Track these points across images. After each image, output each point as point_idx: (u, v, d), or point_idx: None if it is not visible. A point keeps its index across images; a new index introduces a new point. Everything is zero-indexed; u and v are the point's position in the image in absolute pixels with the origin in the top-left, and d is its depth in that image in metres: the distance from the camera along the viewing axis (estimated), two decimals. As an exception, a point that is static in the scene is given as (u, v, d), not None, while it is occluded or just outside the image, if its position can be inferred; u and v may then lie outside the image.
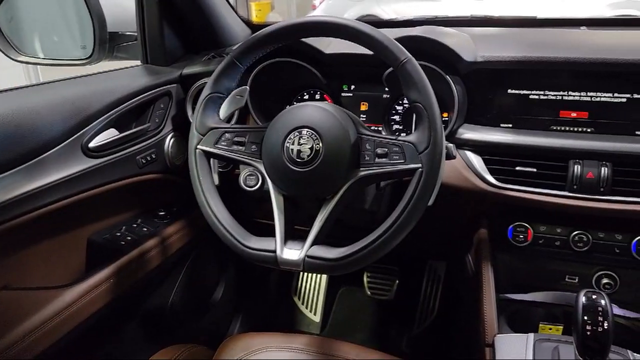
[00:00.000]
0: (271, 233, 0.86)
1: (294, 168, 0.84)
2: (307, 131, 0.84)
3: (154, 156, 1.20)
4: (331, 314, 1.89)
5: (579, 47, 1.05)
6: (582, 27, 1.28)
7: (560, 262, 1.12)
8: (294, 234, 0.88)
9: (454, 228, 1.29)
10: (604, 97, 1.01)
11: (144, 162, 1.18)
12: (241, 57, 0.92)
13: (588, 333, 0.80)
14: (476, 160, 1.07)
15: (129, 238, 1.19)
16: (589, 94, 1.02)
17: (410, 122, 1.19)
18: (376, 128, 1.21)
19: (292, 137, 0.84)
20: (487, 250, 1.12)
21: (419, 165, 0.80)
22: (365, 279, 1.86)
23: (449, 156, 0.93)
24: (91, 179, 1.05)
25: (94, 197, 1.06)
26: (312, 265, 0.83)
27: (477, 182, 1.06)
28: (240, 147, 0.90)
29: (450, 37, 1.11)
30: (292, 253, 0.84)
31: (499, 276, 1.13)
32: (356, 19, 0.89)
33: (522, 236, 1.10)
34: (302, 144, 0.84)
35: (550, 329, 1.07)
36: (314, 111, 0.87)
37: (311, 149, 0.83)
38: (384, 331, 1.82)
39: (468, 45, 1.08)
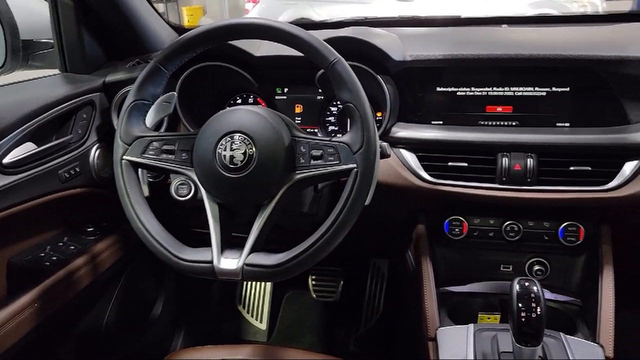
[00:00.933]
0: (209, 243, 0.83)
1: (228, 174, 0.82)
2: (240, 136, 0.82)
3: (78, 169, 1.13)
4: (278, 320, 1.87)
5: (501, 44, 1.09)
6: (503, 25, 1.34)
7: (495, 252, 1.16)
8: (231, 243, 0.85)
9: (393, 225, 1.31)
10: (526, 91, 1.05)
11: (67, 176, 1.11)
12: (166, 62, 0.88)
13: (523, 320, 0.83)
14: (410, 158, 1.09)
15: (55, 258, 1.11)
16: (512, 88, 1.06)
17: (345, 123, 1.19)
18: (312, 130, 1.20)
19: (223, 143, 0.82)
20: (425, 245, 1.14)
21: (354, 165, 0.80)
22: (310, 282, 1.85)
23: (384, 155, 0.94)
24: (8, 197, 0.98)
25: (12, 216, 0.99)
26: (251, 273, 0.81)
27: (412, 179, 1.07)
28: (170, 156, 0.87)
29: (379, 37, 1.12)
30: (229, 262, 0.82)
31: (438, 270, 1.15)
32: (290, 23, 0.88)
33: (457, 229, 1.12)
34: (234, 150, 0.81)
35: (489, 318, 1.10)
36: (246, 115, 0.85)
37: (244, 154, 0.81)
38: (331, 333, 1.82)
39: (396, 45, 1.10)
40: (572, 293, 1.13)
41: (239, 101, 1.26)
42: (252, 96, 1.25)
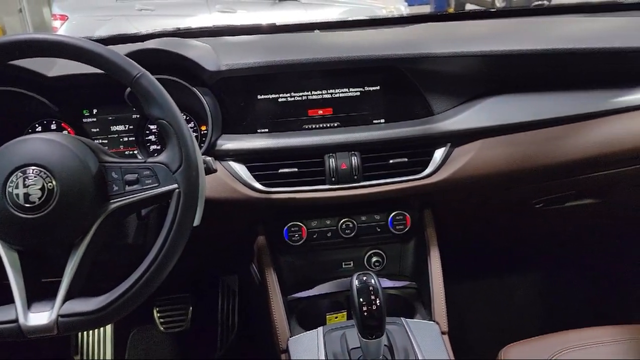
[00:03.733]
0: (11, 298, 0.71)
1: (24, 215, 0.70)
2: (34, 169, 0.71)
3: None
4: None
5: (313, 48, 1.12)
6: (316, 31, 1.38)
7: (335, 251, 1.19)
8: (41, 292, 0.74)
9: (234, 240, 1.27)
10: (342, 92, 1.10)
11: None
12: None
13: (365, 313, 0.85)
14: (240, 169, 1.06)
15: None
16: (329, 91, 1.09)
17: None
18: (131, 152, 1.11)
19: (14, 180, 0.70)
20: (267, 256, 1.12)
21: (175, 185, 0.75)
22: (155, 315, 1.71)
23: (209, 170, 0.90)
24: None
25: None
26: (68, 324, 0.71)
27: (245, 190, 1.04)
28: None
29: (190, 48, 1.07)
30: (39, 317, 0.70)
31: (284, 279, 1.14)
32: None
33: (297, 235, 1.12)
34: (29, 186, 0.70)
35: (336, 317, 1.12)
36: (40, 145, 0.74)
37: (42, 189, 0.70)
38: None
39: (209, 55, 1.06)
40: (408, 278, 1.21)
41: (39, 129, 1.10)
42: (54, 122, 1.10)
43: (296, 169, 1.06)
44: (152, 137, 1.12)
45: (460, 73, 1.10)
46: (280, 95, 1.08)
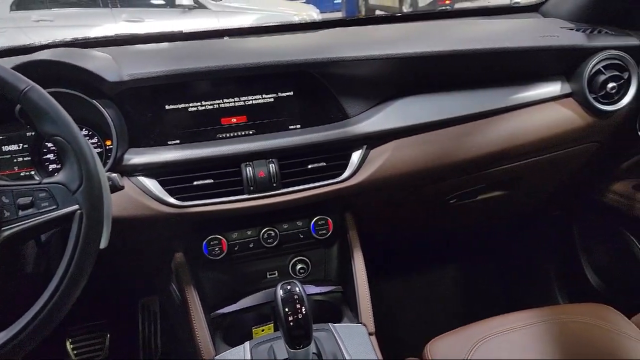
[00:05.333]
0: None
1: None
2: None
3: None
4: None
5: (222, 55, 1.08)
6: (225, 37, 1.35)
7: (259, 261, 1.16)
8: None
9: (149, 260, 1.20)
10: (255, 99, 1.07)
11: None
12: None
13: (291, 323, 0.83)
14: (152, 184, 1.00)
15: None
16: (241, 98, 1.06)
17: None
18: (27, 173, 1.01)
19: None
20: (187, 273, 1.07)
21: (76, 206, 0.69)
22: (69, 348, 1.58)
23: (115, 188, 0.84)
24: None
25: None
26: None
27: (158, 206, 0.99)
28: None
29: (88, 58, 1.00)
30: None
31: (206, 295, 1.10)
32: None
33: (217, 249, 1.08)
34: None
35: (263, 330, 1.10)
36: None
37: None
38: None
39: (110, 65, 0.99)
40: (333, 282, 1.21)
41: None
42: None
43: (212, 180, 1.02)
44: (50, 156, 1.03)
45: (371, 76, 1.11)
46: (190, 104, 1.04)
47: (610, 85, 1.14)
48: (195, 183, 1.02)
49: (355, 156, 1.09)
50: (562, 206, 1.63)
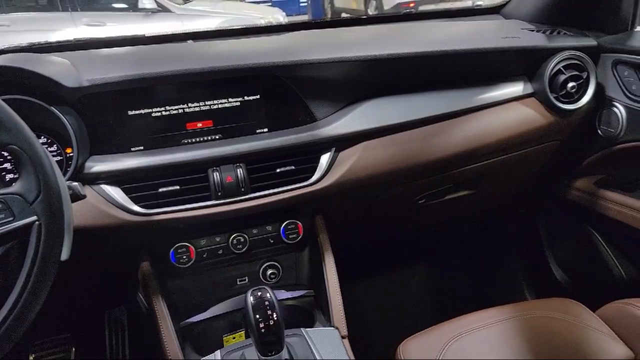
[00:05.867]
0: None
1: None
2: None
3: None
4: None
5: (186, 59, 1.06)
6: (189, 41, 1.32)
7: (228, 268, 1.14)
8: None
9: (114, 270, 1.17)
10: (221, 103, 1.05)
11: None
12: None
13: (263, 330, 0.82)
14: (115, 192, 0.97)
15: None
16: (207, 102, 1.04)
17: None
18: (-18, 184, 0.97)
19: None
20: (154, 282, 1.04)
21: (34, 217, 0.66)
22: (32, 362, 1.53)
23: (77, 197, 0.81)
24: None
25: None
26: None
27: (122, 215, 0.96)
28: None
29: (44, 63, 0.96)
30: None
31: (175, 304, 1.07)
32: None
33: (185, 257, 1.06)
34: None
35: (234, 337, 1.08)
36: None
37: None
38: None
39: (68, 70, 0.96)
40: (305, 286, 1.20)
41: None
42: None
43: (178, 187, 1.00)
44: (7, 165, 0.99)
45: (338, 78, 1.11)
46: (154, 109, 1.01)
47: (571, 84, 1.17)
48: (160, 190, 0.99)
49: (324, 159, 1.09)
50: (528, 204, 1.67)
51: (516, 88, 1.22)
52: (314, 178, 1.08)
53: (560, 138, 1.30)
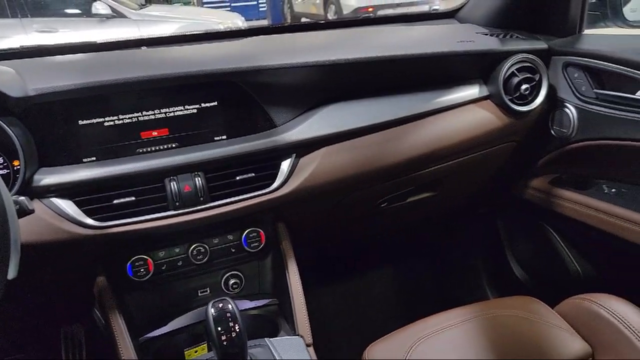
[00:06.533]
0: None
1: None
2: None
3: None
4: None
5: (139, 66, 1.03)
6: (143, 47, 1.29)
7: (189, 280, 1.12)
8: None
9: (68, 286, 1.12)
10: (177, 111, 1.02)
11: None
12: None
13: (225, 342, 0.80)
14: (67, 206, 0.93)
15: None
16: (162, 110, 1.01)
17: None
18: None
19: None
20: (110, 297, 1.00)
21: None
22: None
23: (24, 212, 0.77)
24: None
25: None
26: None
27: (74, 228, 0.92)
28: None
29: None
30: None
31: (133, 319, 1.04)
32: None
33: (143, 270, 1.03)
34: None
35: (196, 351, 1.05)
36: None
37: None
38: None
39: (12, 79, 0.91)
40: (269, 295, 1.18)
41: None
42: None
43: (133, 198, 0.97)
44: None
45: (298, 83, 1.10)
46: (107, 118, 0.97)
47: (524, 87, 1.20)
48: (115, 201, 0.95)
49: (285, 165, 1.08)
50: (488, 204, 1.70)
51: (472, 91, 1.24)
52: (275, 185, 1.06)
53: (516, 139, 1.33)
